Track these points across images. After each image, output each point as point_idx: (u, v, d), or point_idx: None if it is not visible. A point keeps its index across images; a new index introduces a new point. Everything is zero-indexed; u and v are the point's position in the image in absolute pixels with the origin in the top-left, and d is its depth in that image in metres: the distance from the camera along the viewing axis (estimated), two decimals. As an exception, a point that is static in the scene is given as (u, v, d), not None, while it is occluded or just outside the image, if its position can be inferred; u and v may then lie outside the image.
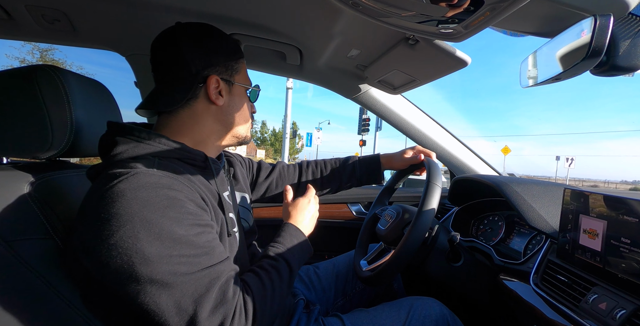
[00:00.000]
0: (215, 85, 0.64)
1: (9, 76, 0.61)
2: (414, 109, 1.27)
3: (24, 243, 0.54)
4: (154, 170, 0.54)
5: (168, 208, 0.50)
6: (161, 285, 0.47)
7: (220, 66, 0.65)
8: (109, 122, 0.61)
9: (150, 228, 0.47)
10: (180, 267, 0.48)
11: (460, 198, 1.16)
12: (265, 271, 0.62)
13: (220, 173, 0.71)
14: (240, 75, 0.69)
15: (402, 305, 0.78)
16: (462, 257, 0.85)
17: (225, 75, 0.66)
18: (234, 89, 0.68)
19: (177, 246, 0.48)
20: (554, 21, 0.53)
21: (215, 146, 0.70)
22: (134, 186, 0.50)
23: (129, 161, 0.55)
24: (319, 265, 1.04)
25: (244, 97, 0.71)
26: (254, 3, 0.80)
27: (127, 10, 0.87)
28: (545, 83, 0.55)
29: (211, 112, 0.66)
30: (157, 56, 0.64)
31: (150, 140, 0.59)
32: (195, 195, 0.56)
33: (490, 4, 0.39)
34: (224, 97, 0.66)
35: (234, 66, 0.67)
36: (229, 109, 0.68)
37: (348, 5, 0.49)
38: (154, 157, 0.57)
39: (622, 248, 0.55)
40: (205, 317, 0.48)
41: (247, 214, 0.82)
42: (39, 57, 12.62)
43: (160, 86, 0.65)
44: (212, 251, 0.53)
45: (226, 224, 0.63)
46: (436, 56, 0.81)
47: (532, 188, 0.87)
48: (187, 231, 0.50)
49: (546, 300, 0.65)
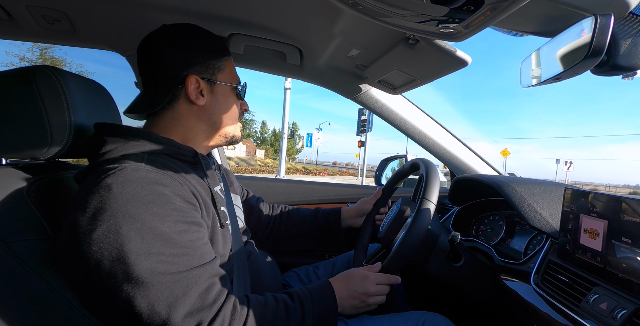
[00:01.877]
0: (195, 85, 0.64)
1: (7, 77, 0.61)
2: (414, 109, 1.27)
3: (23, 244, 0.53)
4: (142, 165, 0.54)
5: (153, 203, 0.49)
6: (137, 283, 0.46)
7: (200, 65, 0.65)
8: (96, 123, 0.62)
9: (133, 223, 0.47)
10: (159, 266, 0.47)
11: (461, 197, 1.16)
12: (276, 302, 0.58)
13: (211, 168, 0.71)
14: (225, 73, 0.69)
15: (410, 318, 0.76)
16: (462, 257, 0.85)
17: (206, 74, 0.66)
18: (216, 88, 0.67)
19: (157, 243, 0.48)
20: (554, 21, 0.53)
21: (203, 146, 0.70)
22: (121, 180, 0.50)
23: (118, 158, 0.55)
24: (319, 265, 1.04)
25: (230, 96, 0.70)
26: (254, 3, 0.80)
27: (127, 11, 0.87)
28: (545, 83, 0.55)
29: (193, 112, 0.66)
30: (140, 60, 0.66)
31: (139, 137, 0.59)
32: (184, 190, 0.56)
33: (491, 3, 0.39)
34: (206, 97, 0.66)
35: (216, 64, 0.67)
36: (213, 109, 0.67)
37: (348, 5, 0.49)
38: (143, 154, 0.57)
39: (622, 248, 0.55)
40: (178, 322, 0.47)
41: (240, 213, 0.82)
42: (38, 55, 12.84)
43: (145, 89, 0.66)
44: (193, 252, 0.51)
45: (218, 217, 0.63)
46: (436, 56, 0.81)
47: (532, 187, 0.86)
48: (170, 228, 0.50)
49: (547, 300, 0.65)
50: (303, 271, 1.01)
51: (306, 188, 1.44)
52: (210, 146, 0.71)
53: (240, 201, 0.88)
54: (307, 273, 1.00)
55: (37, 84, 0.59)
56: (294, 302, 0.60)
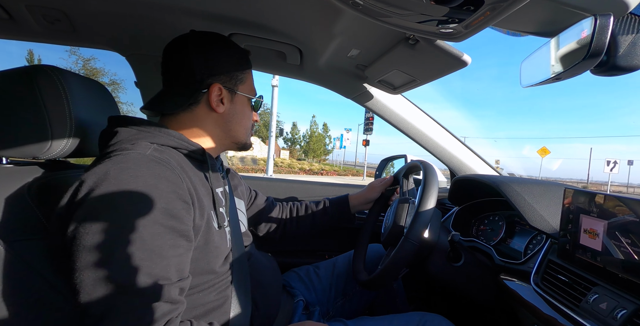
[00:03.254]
0: (218, 93, 0.66)
1: (8, 76, 0.61)
2: (414, 109, 1.27)
3: (24, 243, 0.54)
4: (147, 153, 0.54)
5: (141, 199, 0.49)
6: (81, 282, 0.45)
7: (225, 75, 0.67)
8: (110, 117, 0.63)
9: (112, 214, 0.47)
10: (112, 266, 0.45)
11: (461, 197, 1.16)
12: None
13: (216, 170, 0.71)
14: (245, 85, 0.71)
15: (411, 319, 0.77)
16: (462, 257, 0.85)
17: (229, 84, 0.68)
18: (236, 98, 0.70)
19: (122, 242, 0.46)
20: (554, 21, 0.53)
21: (213, 149, 0.71)
22: (121, 166, 0.50)
23: (126, 146, 0.56)
24: (319, 265, 1.04)
25: (246, 107, 0.73)
26: (254, 3, 0.80)
27: (127, 10, 0.87)
28: (545, 83, 0.55)
29: (212, 118, 0.68)
30: (166, 61, 0.67)
31: (151, 128, 0.60)
32: (182, 186, 0.54)
33: (491, 3, 0.39)
34: (225, 105, 0.68)
35: (239, 76, 0.69)
36: (230, 117, 0.70)
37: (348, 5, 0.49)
38: (152, 144, 0.58)
39: (622, 247, 0.55)
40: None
41: (243, 218, 0.82)
42: (81, 66, 14.62)
43: (166, 89, 0.68)
44: (156, 259, 0.48)
45: (216, 218, 0.63)
46: (436, 56, 0.81)
47: (532, 187, 0.86)
48: (145, 228, 0.48)
49: (547, 300, 0.65)
50: (304, 271, 1.01)
51: (307, 187, 1.44)
52: (220, 149, 0.73)
53: (244, 205, 0.88)
54: (308, 273, 1.00)
55: (38, 83, 0.60)
56: None
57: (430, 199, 0.75)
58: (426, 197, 0.75)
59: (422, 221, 0.73)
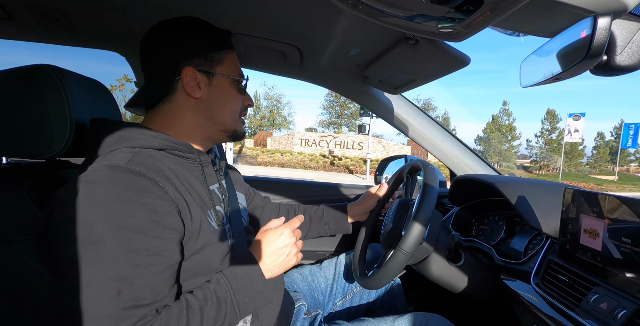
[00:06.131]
0: (192, 77, 0.63)
1: (9, 76, 0.61)
2: (414, 109, 1.27)
3: (24, 243, 0.54)
4: (124, 163, 0.52)
5: (111, 214, 0.48)
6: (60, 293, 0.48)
7: (199, 58, 0.63)
8: (92, 119, 0.61)
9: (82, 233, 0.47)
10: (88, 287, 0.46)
11: (461, 197, 1.16)
12: (192, 308, 0.52)
13: (209, 166, 0.69)
14: (225, 66, 0.67)
15: (411, 321, 0.76)
16: (462, 257, 0.85)
17: (204, 67, 0.64)
18: (215, 80, 0.66)
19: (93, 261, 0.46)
20: (553, 21, 0.53)
21: (202, 140, 0.68)
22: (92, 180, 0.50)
23: (106, 155, 0.55)
24: (323, 264, 1.04)
25: (230, 89, 0.68)
26: (254, 3, 0.80)
27: (127, 11, 0.87)
28: (545, 83, 0.55)
29: (191, 105, 0.64)
30: (140, 55, 0.65)
31: (133, 131, 0.58)
32: (164, 194, 0.53)
33: (490, 3, 0.39)
34: (203, 89, 0.64)
35: (215, 56, 0.65)
36: (211, 102, 0.66)
37: (348, 5, 0.49)
38: (134, 148, 0.57)
39: (622, 247, 0.55)
40: None
41: (244, 213, 0.81)
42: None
43: (144, 83, 0.66)
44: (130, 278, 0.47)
45: (213, 217, 0.62)
46: (436, 56, 0.81)
47: (532, 187, 0.86)
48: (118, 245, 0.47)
49: (547, 299, 0.65)
50: (307, 270, 1.01)
51: (307, 187, 1.44)
52: (209, 140, 0.70)
53: (245, 199, 0.86)
54: (312, 273, 1.00)
55: (38, 83, 0.60)
56: (207, 302, 0.54)
57: (427, 208, 0.73)
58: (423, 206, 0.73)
59: (417, 233, 0.71)
